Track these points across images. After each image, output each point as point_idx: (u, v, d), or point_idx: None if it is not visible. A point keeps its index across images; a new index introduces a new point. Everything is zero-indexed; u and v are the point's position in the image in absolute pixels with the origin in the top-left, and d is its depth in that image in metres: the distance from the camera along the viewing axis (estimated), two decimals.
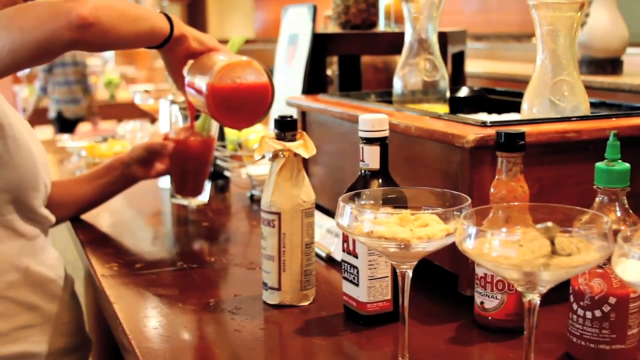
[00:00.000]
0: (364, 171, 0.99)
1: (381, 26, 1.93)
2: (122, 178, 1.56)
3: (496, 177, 0.95)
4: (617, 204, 0.86)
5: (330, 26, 2.06)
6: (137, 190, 1.62)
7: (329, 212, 1.40)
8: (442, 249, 0.83)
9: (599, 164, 0.87)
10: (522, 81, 2.17)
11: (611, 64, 2.27)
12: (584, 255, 0.71)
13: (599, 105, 1.29)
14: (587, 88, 1.21)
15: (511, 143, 0.93)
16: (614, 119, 1.13)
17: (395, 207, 0.89)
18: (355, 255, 1.01)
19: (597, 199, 0.87)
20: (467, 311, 1.04)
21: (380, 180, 0.98)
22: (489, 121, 1.07)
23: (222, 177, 1.92)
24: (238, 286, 1.22)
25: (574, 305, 0.90)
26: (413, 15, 1.42)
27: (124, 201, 1.70)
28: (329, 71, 1.98)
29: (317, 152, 1.10)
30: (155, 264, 1.32)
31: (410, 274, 0.86)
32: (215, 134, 1.62)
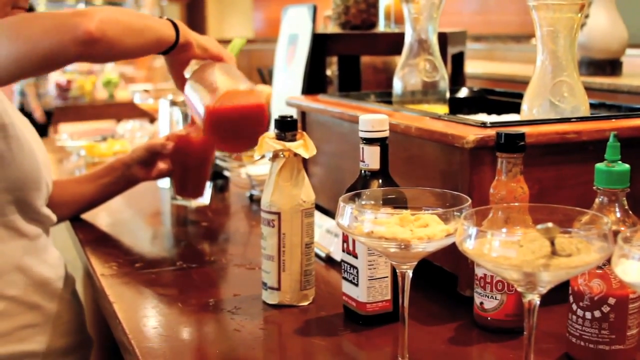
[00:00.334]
0: (364, 171, 0.99)
1: (381, 27, 1.93)
2: (123, 179, 1.56)
3: (496, 178, 0.95)
4: (617, 204, 0.86)
5: (330, 26, 2.06)
6: (137, 190, 1.62)
7: (328, 212, 1.40)
8: (442, 249, 0.83)
9: (598, 165, 0.87)
10: (522, 82, 2.18)
11: (610, 65, 2.28)
12: (583, 256, 0.71)
13: (598, 106, 1.29)
14: (587, 89, 1.21)
15: (511, 144, 0.93)
16: (613, 120, 1.13)
17: (395, 208, 0.89)
18: (355, 256, 1.01)
19: (597, 200, 0.87)
20: (467, 311, 1.04)
21: (380, 181, 0.98)
22: (489, 122, 1.07)
23: (222, 177, 1.92)
24: (238, 286, 1.22)
25: (574, 306, 0.90)
26: (413, 15, 1.42)
27: (123, 201, 1.70)
28: (328, 71, 1.98)
29: (317, 152, 1.10)
30: (154, 263, 1.33)
31: (410, 274, 0.86)
32: None
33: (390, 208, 0.90)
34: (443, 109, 1.43)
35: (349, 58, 1.89)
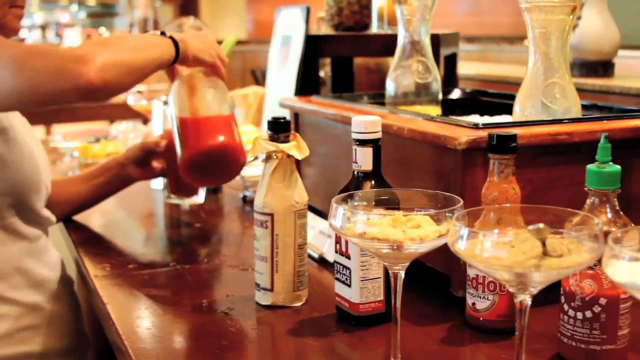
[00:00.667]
0: (356, 172, 0.99)
1: (374, 28, 1.94)
2: (118, 178, 1.56)
3: (488, 179, 0.95)
4: (608, 205, 0.87)
5: (323, 28, 2.06)
6: (130, 191, 1.62)
7: (321, 214, 1.40)
8: (434, 250, 0.84)
9: (590, 166, 0.87)
10: (514, 83, 2.19)
11: (603, 67, 2.28)
12: (574, 257, 0.72)
13: (590, 107, 1.30)
14: (579, 90, 1.22)
15: (503, 145, 0.93)
16: (605, 122, 1.14)
17: (387, 209, 0.90)
18: (347, 256, 1.02)
19: (588, 201, 0.88)
20: (459, 312, 1.04)
21: (373, 182, 0.99)
22: (481, 123, 1.08)
23: None
24: (231, 287, 1.22)
25: (565, 306, 0.91)
26: (406, 17, 1.42)
27: (116, 202, 1.70)
28: (321, 73, 1.98)
29: (310, 154, 1.10)
30: (148, 264, 1.33)
31: (402, 275, 0.86)
32: None
33: (382, 209, 0.90)
34: (436, 111, 1.43)
35: (342, 59, 1.90)
